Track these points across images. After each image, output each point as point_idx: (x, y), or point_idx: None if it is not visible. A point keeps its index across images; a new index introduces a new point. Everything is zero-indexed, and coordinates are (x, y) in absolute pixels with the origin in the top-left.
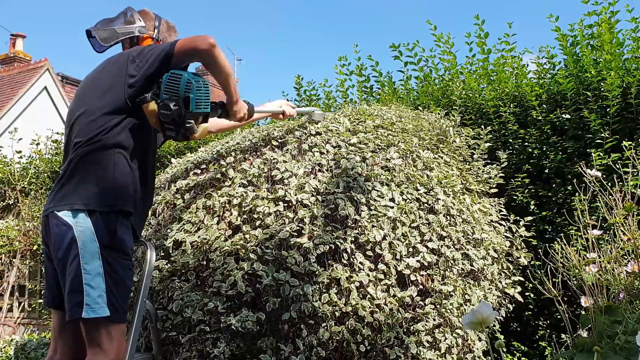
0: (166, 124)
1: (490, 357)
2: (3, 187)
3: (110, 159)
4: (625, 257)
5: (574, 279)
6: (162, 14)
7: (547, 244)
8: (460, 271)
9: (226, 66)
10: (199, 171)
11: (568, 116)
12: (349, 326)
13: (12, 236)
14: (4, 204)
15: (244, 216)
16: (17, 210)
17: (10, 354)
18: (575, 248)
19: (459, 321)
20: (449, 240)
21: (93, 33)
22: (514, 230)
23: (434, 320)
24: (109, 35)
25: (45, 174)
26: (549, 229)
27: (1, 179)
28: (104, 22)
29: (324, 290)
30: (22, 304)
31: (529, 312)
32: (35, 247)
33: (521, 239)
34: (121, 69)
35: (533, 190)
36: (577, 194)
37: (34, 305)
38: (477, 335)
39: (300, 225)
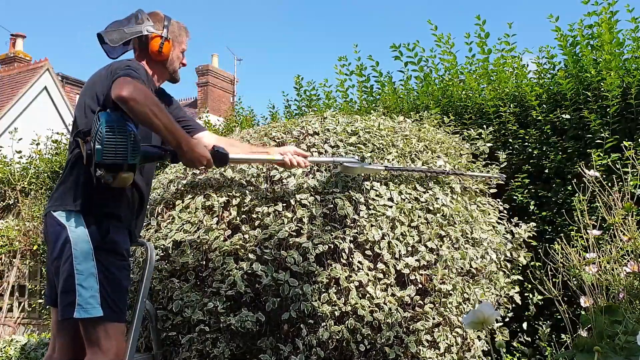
0: (88, 165)
1: (490, 357)
2: (3, 187)
3: None
4: (625, 257)
5: (574, 279)
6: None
7: (547, 244)
8: (459, 270)
9: (151, 116)
10: (197, 171)
11: (568, 116)
12: (349, 325)
13: (12, 236)
14: (4, 204)
15: (243, 216)
16: (17, 210)
17: (10, 354)
18: (576, 248)
19: (458, 320)
20: (448, 239)
21: (104, 37)
22: (513, 230)
23: (434, 319)
24: (117, 36)
25: (45, 174)
26: (549, 229)
27: (1, 179)
28: (114, 25)
29: (323, 290)
30: (22, 304)
31: (529, 312)
32: (35, 247)
33: (521, 239)
34: (108, 76)
35: (533, 191)
36: (576, 194)
37: (34, 305)
38: (477, 335)
39: (299, 225)
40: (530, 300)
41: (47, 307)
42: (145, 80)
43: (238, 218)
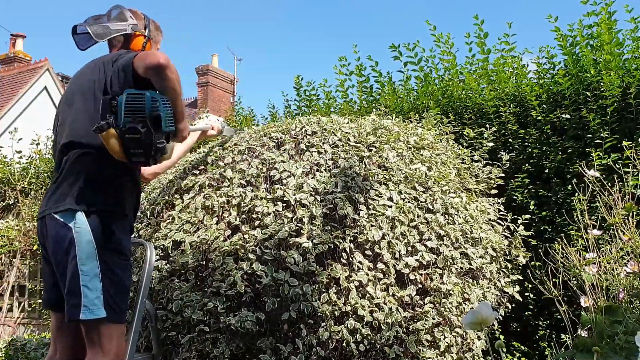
0: (132, 149)
1: (490, 357)
2: (3, 187)
3: (104, 161)
4: (625, 257)
5: (574, 279)
6: (161, 14)
7: (547, 244)
8: (459, 270)
9: (178, 85)
10: (197, 172)
11: (568, 116)
12: (349, 325)
13: (12, 236)
14: (4, 204)
15: (243, 216)
16: (17, 210)
17: (10, 354)
18: (576, 248)
19: (458, 320)
20: (448, 239)
21: (80, 29)
22: (512, 229)
23: (433, 319)
24: (102, 31)
25: (45, 174)
26: (549, 229)
27: (1, 179)
28: (93, 19)
29: (323, 290)
30: (22, 304)
31: (529, 312)
32: (35, 247)
33: (520, 237)
34: (102, 72)
35: (533, 190)
36: (576, 194)
37: (34, 305)
38: (476, 334)
39: (299, 225)
40: (530, 300)
41: (44, 309)
42: None
43: (238, 218)
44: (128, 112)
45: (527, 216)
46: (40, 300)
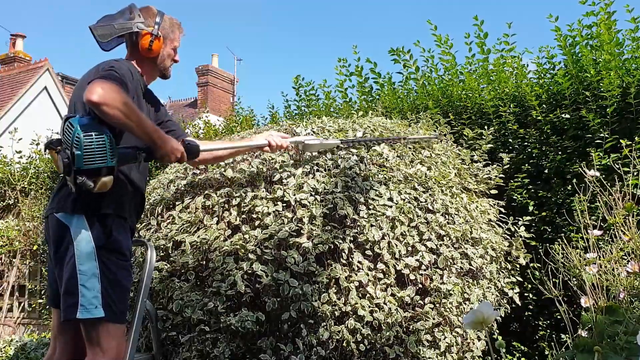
0: (65, 174)
1: (489, 357)
2: (3, 187)
3: None
4: (625, 258)
5: (574, 279)
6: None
7: (546, 244)
8: (459, 270)
9: (125, 117)
10: (197, 171)
11: (568, 116)
12: (349, 325)
13: (12, 236)
14: (4, 204)
15: (243, 216)
16: (17, 210)
17: (10, 354)
18: (576, 249)
19: (458, 320)
20: (448, 239)
21: (94, 32)
22: (512, 230)
23: (433, 319)
24: (106, 31)
25: (45, 174)
26: (549, 229)
27: (1, 179)
28: (105, 19)
29: (323, 290)
30: (22, 304)
31: (529, 312)
32: (35, 247)
33: (521, 238)
34: (91, 76)
35: (533, 191)
36: (576, 194)
37: (34, 305)
38: (476, 335)
39: (299, 225)
40: (530, 300)
41: (48, 307)
42: (130, 80)
43: (238, 218)
44: (63, 138)
45: (528, 218)
46: (40, 300)
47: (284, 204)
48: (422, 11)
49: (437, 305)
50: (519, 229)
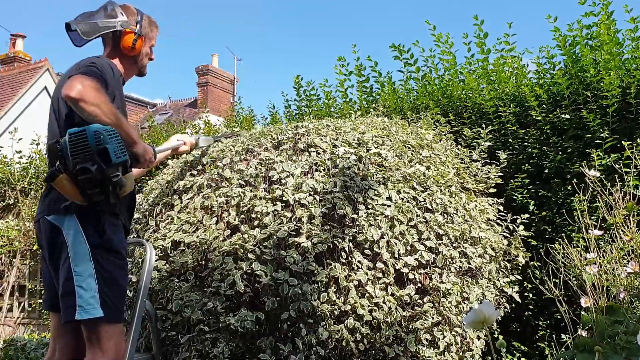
0: (88, 189)
1: (489, 357)
2: (3, 187)
3: None
4: (626, 257)
5: (575, 279)
6: (160, 14)
7: (547, 244)
8: (458, 269)
9: (104, 114)
10: (196, 172)
11: (567, 116)
12: (348, 325)
13: (12, 236)
14: (4, 204)
15: (242, 216)
16: (17, 210)
17: (10, 354)
18: (577, 248)
19: (457, 319)
20: (447, 238)
21: (73, 26)
22: (512, 229)
23: (433, 318)
24: (90, 29)
25: (45, 174)
26: (549, 229)
27: (1, 179)
28: (85, 16)
29: (322, 289)
30: (22, 304)
31: (529, 312)
32: (35, 247)
33: (520, 237)
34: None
35: (533, 190)
36: (576, 194)
37: (34, 305)
38: (476, 334)
39: (298, 224)
40: (530, 300)
41: (44, 309)
42: (111, 77)
43: (237, 218)
44: (74, 153)
45: (527, 216)
46: (40, 300)
47: (283, 204)
48: (422, 11)
49: (437, 304)
50: (517, 227)
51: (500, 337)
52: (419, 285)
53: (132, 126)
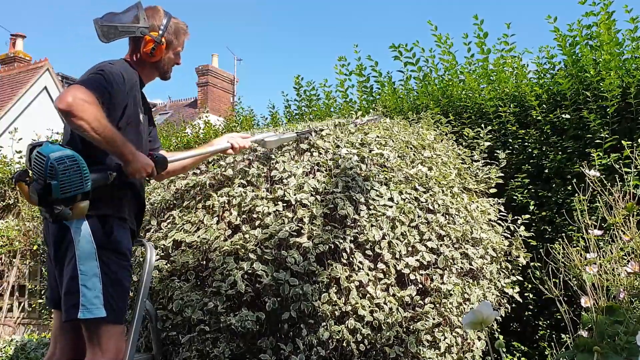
0: (39, 205)
1: (489, 357)
2: (3, 187)
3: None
4: (626, 258)
5: (575, 279)
6: None
7: (547, 244)
8: (459, 270)
9: (93, 130)
10: (198, 171)
11: (568, 116)
12: (349, 325)
13: (12, 236)
14: (4, 204)
15: (244, 216)
16: (17, 210)
17: (10, 354)
18: (576, 248)
19: (458, 320)
20: (448, 239)
21: (95, 26)
22: (512, 229)
23: (434, 319)
24: (109, 31)
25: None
26: (549, 229)
27: (1, 179)
28: (110, 16)
29: (323, 290)
30: (22, 304)
31: (529, 312)
32: (35, 247)
33: (521, 238)
34: None
35: (533, 191)
36: (576, 194)
37: (34, 305)
38: (477, 335)
39: (300, 224)
40: (530, 300)
41: (48, 307)
42: (119, 86)
43: (238, 218)
44: (33, 170)
45: (527, 216)
46: (40, 300)
47: (285, 204)
48: (422, 11)
49: (438, 305)
50: (518, 227)
51: (501, 337)
52: (420, 286)
53: (127, 142)
